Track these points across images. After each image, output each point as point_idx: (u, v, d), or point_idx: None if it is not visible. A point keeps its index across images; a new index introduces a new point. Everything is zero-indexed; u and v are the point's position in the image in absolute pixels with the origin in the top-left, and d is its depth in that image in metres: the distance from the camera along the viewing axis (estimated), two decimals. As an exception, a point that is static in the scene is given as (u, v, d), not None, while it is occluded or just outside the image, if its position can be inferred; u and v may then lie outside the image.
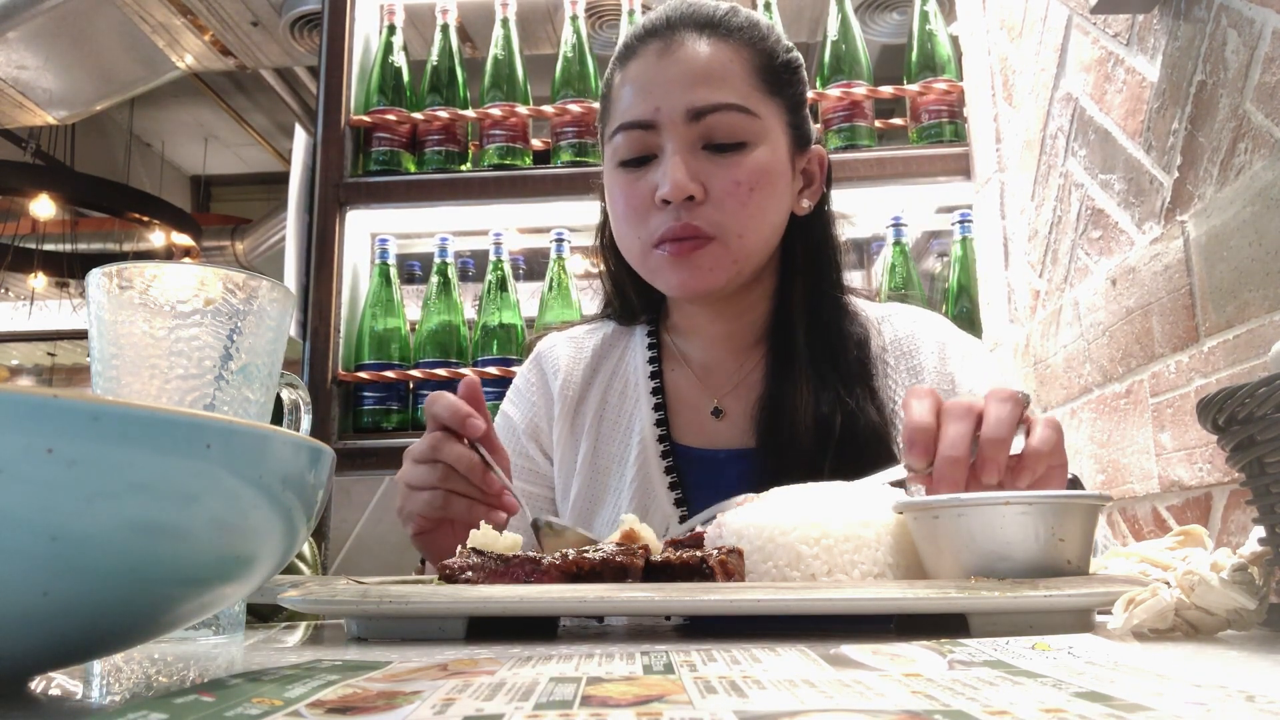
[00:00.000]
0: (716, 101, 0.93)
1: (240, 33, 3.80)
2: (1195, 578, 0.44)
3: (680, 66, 0.94)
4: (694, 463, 1.00)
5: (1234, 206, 0.96)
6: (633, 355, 1.09)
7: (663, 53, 0.95)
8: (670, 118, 0.93)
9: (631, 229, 0.97)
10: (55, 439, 0.27)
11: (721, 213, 0.93)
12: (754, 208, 0.94)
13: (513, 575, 0.58)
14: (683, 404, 1.04)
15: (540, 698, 0.28)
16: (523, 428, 1.09)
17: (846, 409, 0.93)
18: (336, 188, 1.99)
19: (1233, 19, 0.97)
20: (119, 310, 0.51)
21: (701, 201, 0.93)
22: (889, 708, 0.26)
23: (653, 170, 0.94)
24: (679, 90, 0.93)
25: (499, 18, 2.07)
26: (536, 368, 1.12)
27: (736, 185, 0.93)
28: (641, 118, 0.94)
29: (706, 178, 0.93)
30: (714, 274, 0.94)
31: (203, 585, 0.33)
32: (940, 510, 0.57)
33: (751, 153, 0.94)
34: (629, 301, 1.11)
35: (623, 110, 0.97)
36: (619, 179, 0.97)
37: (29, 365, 8.74)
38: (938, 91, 1.92)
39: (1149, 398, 1.15)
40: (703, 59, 0.94)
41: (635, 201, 0.95)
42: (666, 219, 0.93)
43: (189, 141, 7.06)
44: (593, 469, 1.04)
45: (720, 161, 0.93)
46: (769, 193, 0.95)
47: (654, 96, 0.94)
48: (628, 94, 0.96)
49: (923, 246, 2.32)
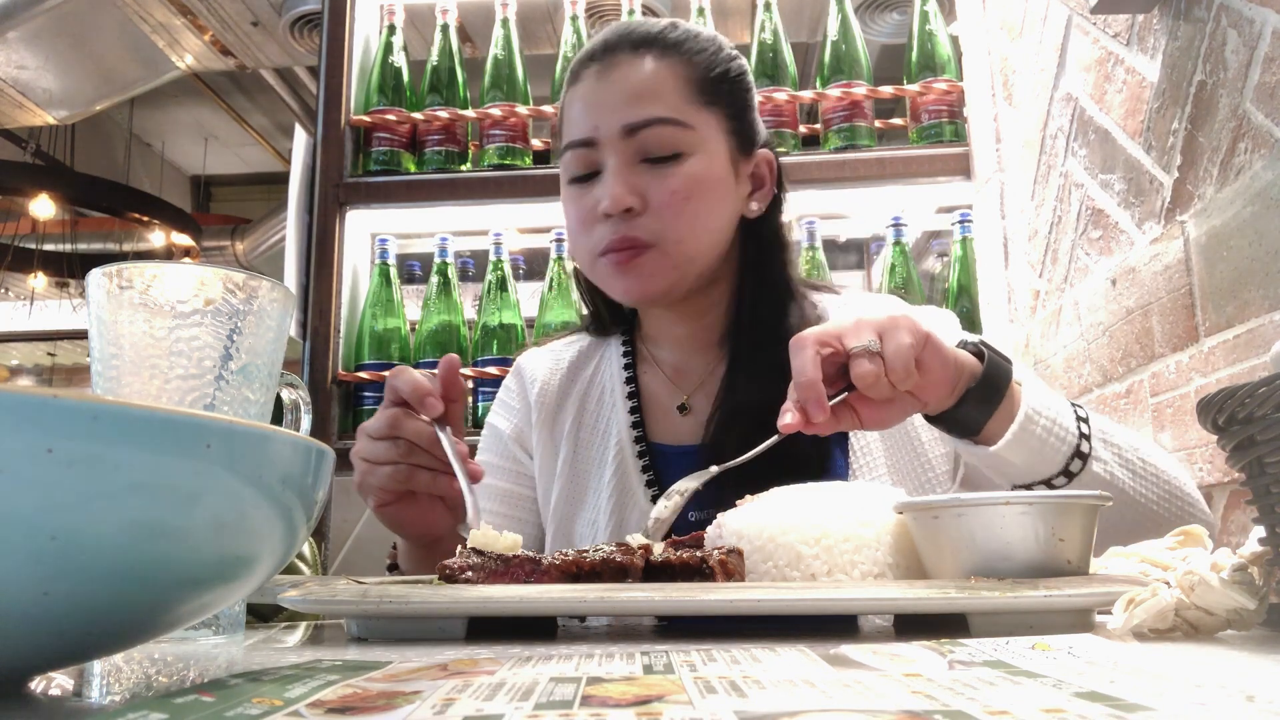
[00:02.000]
0: (648, 116, 0.97)
1: (240, 33, 3.81)
2: (1195, 578, 0.44)
3: (616, 86, 0.99)
4: (668, 459, 1.04)
5: (1234, 206, 0.96)
6: (608, 363, 1.14)
7: (601, 74, 1.01)
8: (608, 135, 0.98)
9: (581, 241, 1.02)
10: (55, 439, 0.27)
11: (659, 221, 0.97)
12: (689, 215, 0.98)
13: (513, 575, 0.58)
14: (656, 404, 1.09)
15: (540, 698, 0.28)
16: (509, 435, 1.14)
17: None
18: (336, 188, 1.99)
19: (1233, 19, 0.97)
20: (119, 310, 0.51)
21: (641, 212, 0.97)
22: (889, 708, 0.26)
23: (597, 186, 0.99)
24: (614, 108, 0.98)
25: (499, 18, 2.07)
26: (516, 379, 1.17)
27: (673, 195, 0.97)
28: (583, 136, 1.00)
29: (645, 189, 0.97)
30: (655, 279, 0.98)
31: (203, 585, 0.33)
32: (940, 510, 0.57)
33: (685, 163, 0.98)
34: (600, 314, 1.16)
35: (569, 131, 1.02)
36: (569, 195, 1.03)
37: (29, 365, 8.74)
38: (938, 91, 1.92)
39: (1149, 398, 1.15)
40: (636, 77, 0.99)
41: (582, 215, 1.00)
42: (608, 230, 0.98)
43: (189, 141, 7.06)
44: (572, 472, 1.08)
45: (657, 173, 0.97)
46: (706, 200, 0.99)
47: (593, 116, 0.99)
48: (573, 115, 1.02)
49: (923, 246, 2.32)
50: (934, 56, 1.96)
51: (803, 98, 1.98)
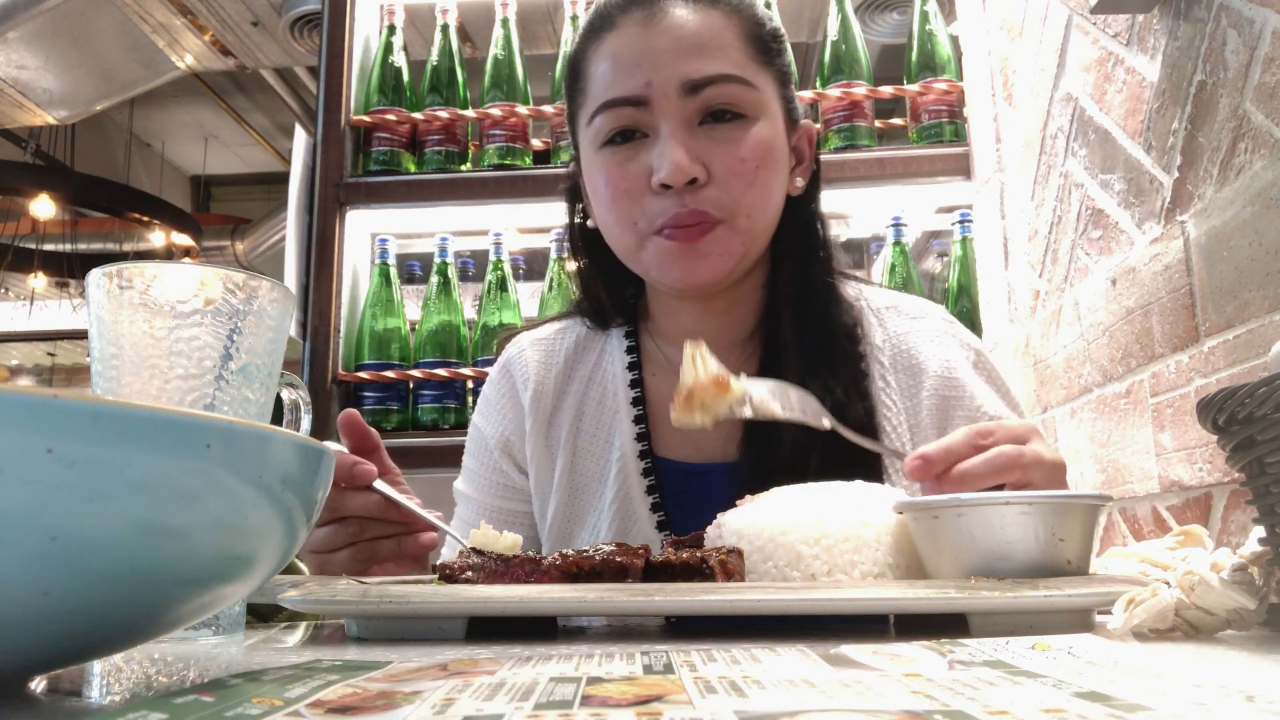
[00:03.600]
0: (714, 72, 0.85)
1: (240, 33, 3.81)
2: (1195, 578, 0.44)
3: (670, 35, 0.85)
4: (679, 478, 0.93)
5: (1234, 206, 0.96)
6: (610, 360, 1.01)
7: (647, 21, 0.86)
8: (663, 91, 0.84)
9: (623, 217, 0.88)
10: (55, 439, 0.27)
11: (728, 193, 0.85)
12: (760, 186, 0.86)
13: (513, 575, 0.58)
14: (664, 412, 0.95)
15: (540, 698, 0.28)
16: (494, 442, 1.02)
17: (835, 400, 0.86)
18: (336, 188, 1.99)
19: (1233, 19, 0.97)
20: (119, 310, 0.51)
21: (704, 184, 0.85)
22: (889, 708, 0.26)
23: (644, 151, 0.86)
24: (671, 61, 0.84)
25: (499, 18, 2.07)
26: (505, 377, 1.04)
27: (741, 163, 0.85)
28: (631, 93, 0.85)
29: (707, 157, 0.85)
30: (722, 260, 0.87)
31: (203, 585, 0.33)
32: (940, 510, 0.57)
33: (753, 126, 0.86)
34: (601, 305, 1.02)
35: (605, 88, 0.88)
36: (604, 163, 0.88)
37: (29, 365, 8.74)
38: (938, 91, 1.92)
39: (1149, 398, 1.15)
40: (694, 26, 0.86)
41: (626, 186, 0.86)
42: (668, 205, 0.85)
43: (189, 141, 7.06)
44: (570, 487, 0.97)
45: (720, 138, 0.85)
46: (773, 169, 0.88)
47: (643, 70, 0.85)
48: (608, 70, 0.88)
49: (923, 246, 2.32)
50: (934, 56, 1.96)
51: (803, 98, 1.98)
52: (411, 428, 1.92)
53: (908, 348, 0.96)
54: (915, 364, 0.95)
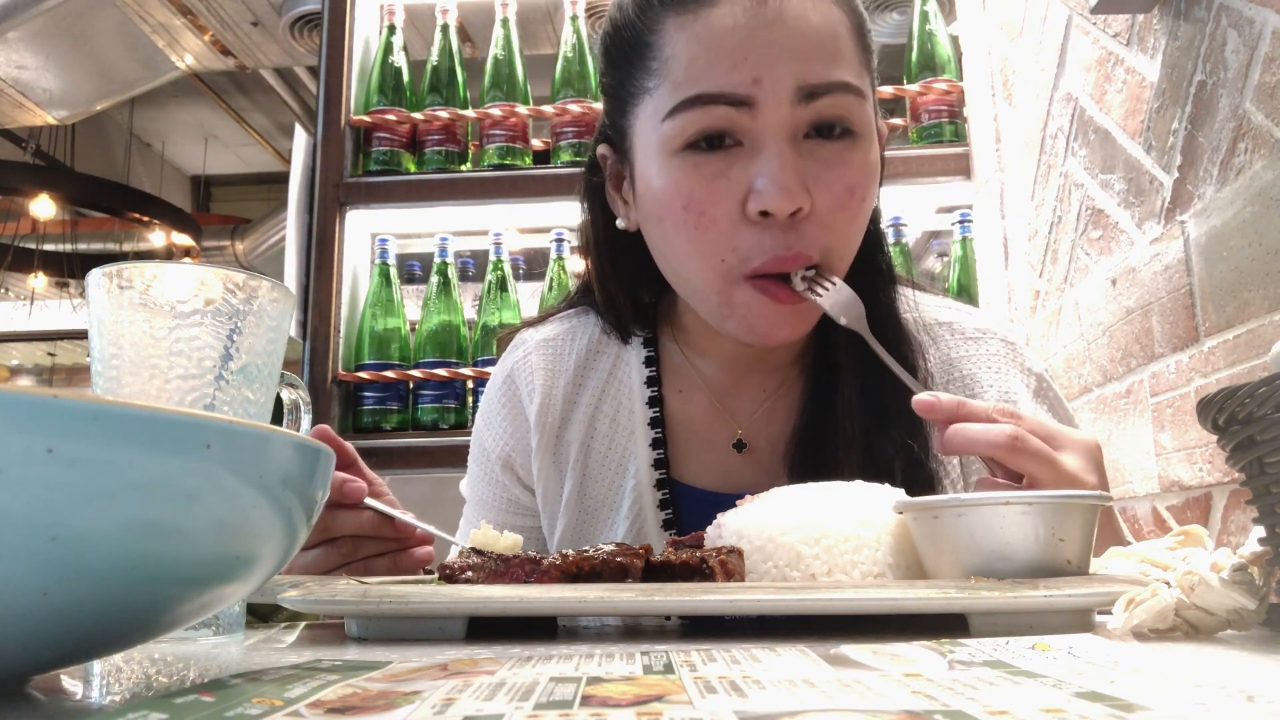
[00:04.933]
0: (834, 79, 0.71)
1: (240, 33, 3.81)
2: (1195, 578, 0.44)
3: (786, 26, 0.71)
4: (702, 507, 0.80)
5: (1234, 206, 0.96)
6: (625, 371, 0.90)
7: (760, 3, 0.71)
8: (775, 95, 0.70)
9: (707, 250, 0.73)
10: (55, 439, 0.27)
11: (828, 232, 0.72)
12: (860, 220, 0.76)
13: (513, 575, 0.58)
14: (693, 435, 0.86)
15: (540, 698, 0.28)
16: (495, 457, 0.92)
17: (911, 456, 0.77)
18: (336, 188, 1.99)
19: (1233, 19, 0.97)
20: (119, 310, 0.51)
21: (805, 216, 0.71)
22: (889, 708, 0.26)
23: (738, 166, 0.71)
24: (788, 58, 0.70)
25: (499, 18, 2.07)
26: (509, 387, 0.93)
27: (849, 193, 0.73)
28: (735, 91, 0.70)
29: (812, 181, 0.71)
30: (807, 319, 0.75)
31: (203, 585, 0.33)
32: (940, 510, 0.57)
33: (860, 147, 0.74)
34: (622, 316, 0.90)
35: (695, 76, 0.72)
36: (682, 173, 0.73)
37: (29, 365, 8.74)
38: (938, 91, 1.92)
39: (1149, 398, 1.15)
40: (813, 19, 0.72)
41: (714, 209, 0.72)
42: (767, 242, 0.71)
43: (189, 141, 7.06)
44: (580, 509, 0.88)
45: (827, 159, 0.72)
46: (871, 198, 0.78)
47: (752, 64, 0.70)
48: (704, 54, 0.71)
49: (923, 246, 2.32)
50: (934, 56, 1.96)
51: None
52: (411, 428, 1.92)
53: (963, 375, 0.86)
54: (970, 395, 0.85)
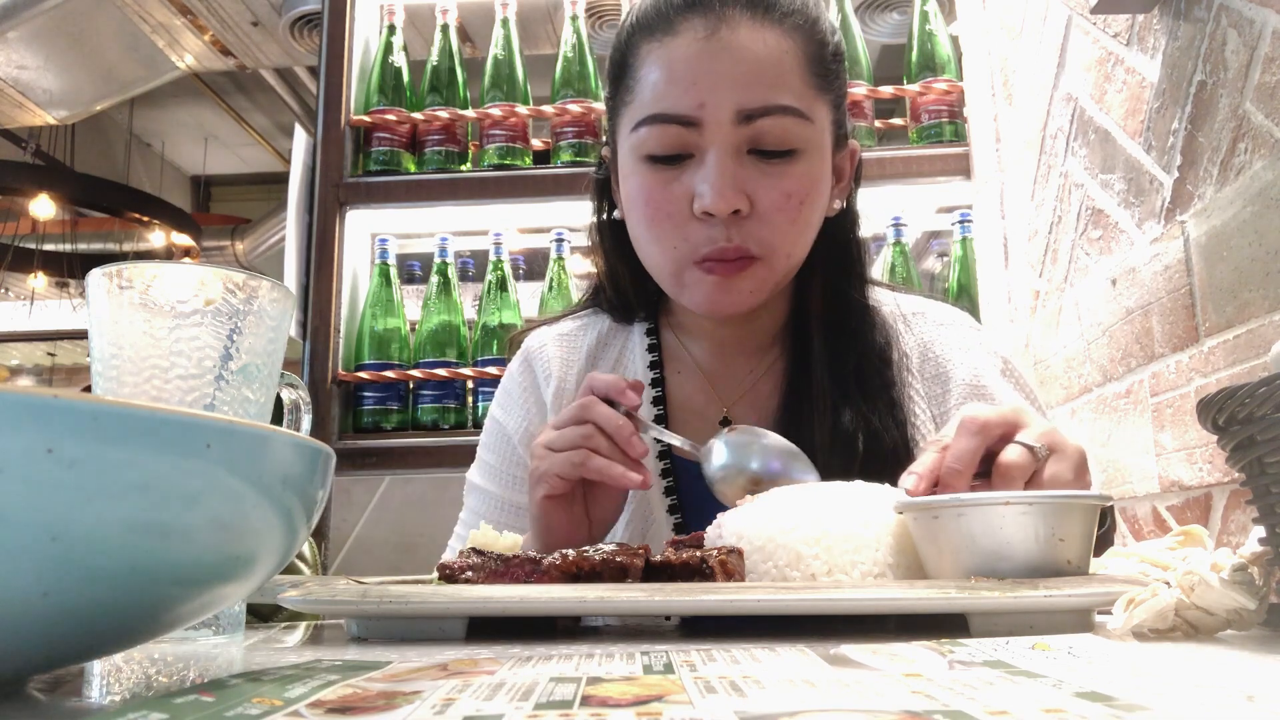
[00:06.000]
0: (770, 103, 0.82)
1: (240, 33, 3.81)
2: (1195, 578, 0.44)
3: (731, 56, 0.81)
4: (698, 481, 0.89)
5: (1234, 206, 0.96)
6: (631, 357, 1.00)
7: (710, 36, 0.82)
8: (716, 117, 0.81)
9: (663, 239, 0.86)
10: (55, 439, 0.27)
11: (769, 230, 0.83)
12: (802, 223, 0.85)
13: (513, 575, 0.58)
14: (688, 413, 0.96)
15: (540, 698, 0.28)
16: (516, 436, 1.00)
17: (870, 428, 0.87)
18: (336, 188, 1.99)
19: (1233, 19, 0.97)
20: (119, 310, 0.51)
21: (746, 216, 0.83)
22: (889, 708, 0.26)
23: (688, 172, 0.84)
24: (729, 86, 0.81)
25: (499, 18, 2.07)
26: (526, 370, 1.03)
27: (786, 199, 0.83)
28: (683, 113, 0.82)
29: (752, 188, 0.83)
30: (752, 296, 0.86)
31: (203, 585, 0.33)
32: (940, 510, 0.57)
33: (800, 161, 0.84)
34: (626, 298, 1.01)
35: (655, 98, 0.84)
36: (644, 177, 0.86)
37: (29, 365, 8.74)
38: (938, 91, 1.92)
39: (1149, 398, 1.15)
40: (758, 49, 0.82)
41: (667, 207, 0.85)
42: (710, 235, 0.83)
43: (189, 141, 7.05)
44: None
45: (768, 170, 0.83)
46: (816, 204, 0.86)
47: (699, 90, 0.81)
48: (662, 79, 0.84)
49: (923, 246, 2.32)
50: (934, 56, 1.96)
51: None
52: (411, 428, 1.92)
53: (935, 355, 0.96)
54: (943, 372, 0.95)
